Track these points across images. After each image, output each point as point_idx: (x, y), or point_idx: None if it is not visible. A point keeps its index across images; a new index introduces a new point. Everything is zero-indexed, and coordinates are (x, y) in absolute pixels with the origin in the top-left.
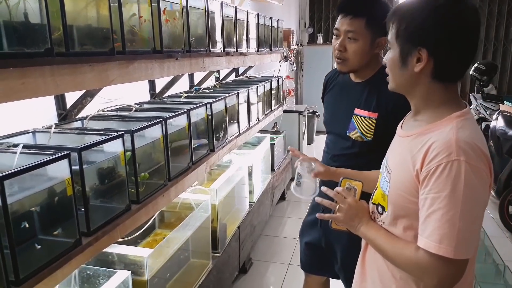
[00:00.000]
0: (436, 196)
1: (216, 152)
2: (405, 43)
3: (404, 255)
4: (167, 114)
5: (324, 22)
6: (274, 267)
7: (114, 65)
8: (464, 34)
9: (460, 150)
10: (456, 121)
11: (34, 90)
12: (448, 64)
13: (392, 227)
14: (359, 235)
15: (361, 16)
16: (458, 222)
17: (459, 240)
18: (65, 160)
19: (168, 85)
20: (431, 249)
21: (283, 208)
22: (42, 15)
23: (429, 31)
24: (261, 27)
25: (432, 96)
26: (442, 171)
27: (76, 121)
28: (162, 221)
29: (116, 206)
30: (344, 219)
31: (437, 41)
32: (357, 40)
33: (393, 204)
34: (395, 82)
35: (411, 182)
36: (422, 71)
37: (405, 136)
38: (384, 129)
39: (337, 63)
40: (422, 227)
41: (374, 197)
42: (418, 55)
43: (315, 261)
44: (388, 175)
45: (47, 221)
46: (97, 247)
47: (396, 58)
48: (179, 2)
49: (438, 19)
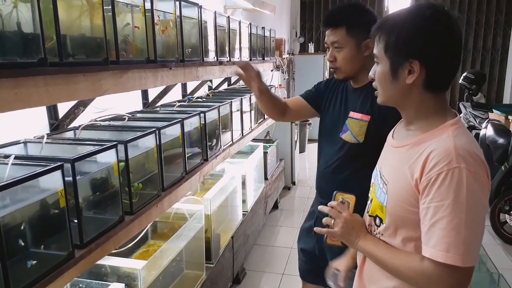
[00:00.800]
0: (439, 205)
1: (209, 161)
2: (396, 56)
3: (408, 266)
4: (160, 123)
5: (315, 31)
6: (267, 277)
7: (107, 74)
8: (452, 44)
9: (460, 157)
10: (451, 129)
11: (27, 100)
12: (438, 74)
13: (391, 239)
14: (357, 249)
15: (341, 25)
16: (463, 229)
17: (466, 248)
18: (58, 171)
19: (161, 94)
20: (438, 258)
21: (276, 217)
22: (35, 24)
23: (420, 43)
24: (254, 36)
25: (423, 106)
26: (444, 179)
27: (68, 131)
28: (155, 232)
29: (110, 217)
30: (341, 234)
31: (428, 53)
32: (342, 48)
33: (392, 215)
34: (386, 95)
35: (410, 192)
36: (414, 82)
37: (399, 147)
38: (376, 132)
39: (333, 73)
40: (427, 237)
41: (371, 209)
42: (409, 67)
43: (312, 269)
44: (384, 186)
45: (39, 233)
46: (90, 260)
47: (387, 72)
48: (173, 11)
49: (427, 31)
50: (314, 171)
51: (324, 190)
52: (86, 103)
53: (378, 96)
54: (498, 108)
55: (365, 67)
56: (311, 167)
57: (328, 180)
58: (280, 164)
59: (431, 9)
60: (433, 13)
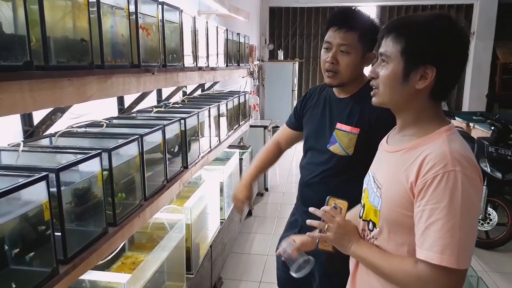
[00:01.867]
0: (434, 207)
1: (189, 168)
2: (413, 59)
3: (402, 270)
4: (140, 130)
5: (284, 39)
6: (245, 285)
7: (93, 79)
8: (463, 57)
9: (456, 161)
10: (445, 134)
11: (12, 106)
12: (447, 84)
13: (385, 243)
14: (350, 254)
15: (355, 30)
16: (458, 231)
17: (460, 250)
18: (43, 182)
19: (137, 100)
20: (433, 260)
21: (250, 224)
22: (20, 25)
23: (441, 51)
24: (230, 42)
25: (423, 113)
26: (440, 182)
27: (44, 138)
28: (132, 243)
29: (93, 229)
30: (334, 239)
31: (445, 62)
32: (349, 54)
33: (386, 219)
34: (389, 97)
35: (405, 196)
36: (423, 88)
37: (394, 151)
38: (365, 144)
39: (328, 77)
40: (421, 239)
41: (364, 213)
42: (423, 72)
43: (292, 278)
44: (378, 190)
45: (21, 249)
46: (74, 275)
47: (399, 73)
48: (156, 15)
49: (449, 41)
50: (285, 177)
51: (310, 200)
52: (64, 109)
53: (377, 96)
54: (459, 115)
55: (356, 79)
56: (282, 173)
57: (315, 190)
58: None
59: (450, 21)
60: (452, 26)
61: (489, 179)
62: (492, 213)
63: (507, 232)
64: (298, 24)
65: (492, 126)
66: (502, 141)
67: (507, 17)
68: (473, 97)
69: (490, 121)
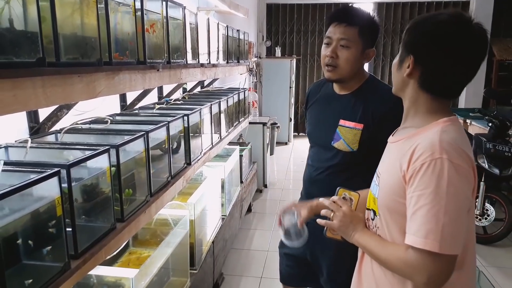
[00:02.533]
0: (421, 193)
1: (192, 165)
2: (403, 49)
3: (395, 256)
4: (144, 126)
5: (281, 35)
6: (246, 281)
7: (101, 76)
8: (453, 53)
9: (443, 149)
10: (441, 125)
11: (25, 102)
12: (432, 76)
13: (384, 231)
14: (354, 243)
15: (355, 24)
16: (442, 217)
17: (444, 235)
18: (55, 178)
19: (140, 97)
20: (417, 244)
21: (250, 220)
22: (32, 22)
23: (420, 42)
24: (230, 39)
25: (418, 102)
26: (427, 169)
27: (50, 135)
28: (135, 239)
29: (102, 225)
30: (339, 227)
31: (424, 52)
32: (349, 48)
33: (383, 206)
34: (393, 83)
35: (398, 184)
36: (410, 76)
37: (394, 142)
38: (370, 140)
39: (327, 71)
40: (409, 225)
41: (367, 202)
42: (409, 61)
43: (297, 273)
44: (377, 178)
45: (34, 245)
46: (84, 270)
47: (397, 61)
48: (160, 11)
49: (431, 33)
50: (283, 173)
51: (315, 196)
52: (70, 106)
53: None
54: (456, 112)
55: (356, 75)
56: (280, 170)
57: (321, 186)
58: (253, 167)
59: (448, 16)
60: (445, 20)
61: (487, 175)
62: (490, 208)
63: (504, 227)
64: (295, 20)
65: (489, 122)
66: (500, 137)
67: (503, 14)
68: (470, 93)
69: (488, 118)
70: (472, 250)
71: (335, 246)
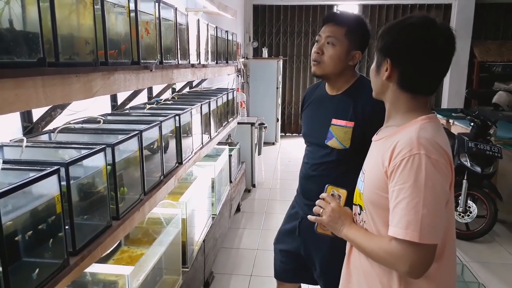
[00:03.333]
0: (401, 188)
1: (183, 164)
2: (379, 54)
3: (380, 247)
4: (136, 126)
5: (268, 36)
6: (236, 279)
7: (97, 76)
8: (425, 52)
9: (421, 146)
10: (420, 123)
11: (27, 102)
12: (409, 75)
13: (370, 225)
14: (342, 237)
15: (343, 25)
16: (421, 209)
17: (423, 225)
18: (55, 176)
19: (130, 97)
20: (399, 235)
21: (238, 220)
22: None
23: (394, 45)
24: (219, 40)
25: (399, 103)
26: (406, 165)
27: (43, 134)
28: (127, 238)
29: (98, 223)
30: (328, 222)
31: (399, 55)
32: (334, 46)
33: (368, 201)
34: (373, 88)
35: (381, 179)
36: (389, 79)
37: (377, 140)
38: (361, 137)
39: (313, 65)
40: (391, 218)
41: (354, 198)
42: (386, 65)
43: (291, 269)
44: (362, 175)
45: (35, 241)
46: (82, 267)
47: (374, 67)
48: (153, 13)
49: (403, 36)
50: (271, 173)
51: (311, 192)
52: (64, 105)
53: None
54: (439, 112)
55: (343, 75)
56: (268, 170)
57: (316, 182)
58: (241, 166)
59: (416, 19)
60: (414, 22)
61: (469, 173)
62: (472, 206)
63: (486, 224)
64: (281, 22)
65: (471, 122)
66: (481, 137)
67: (483, 17)
68: (452, 94)
69: (470, 118)
70: (451, 241)
71: (328, 242)
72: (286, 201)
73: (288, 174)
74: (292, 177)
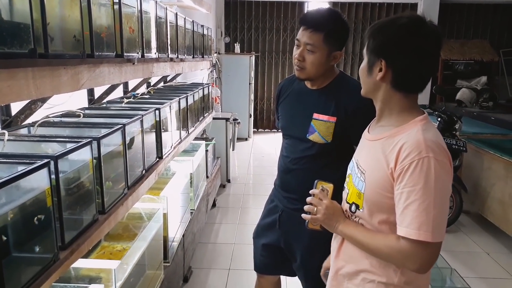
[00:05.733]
0: (411, 190)
1: (163, 159)
2: (371, 55)
3: (386, 245)
4: (116, 120)
5: (240, 32)
6: (214, 273)
7: (84, 68)
8: (418, 51)
9: (429, 148)
10: (420, 124)
11: (18, 93)
12: (404, 75)
13: (368, 222)
14: (337, 233)
15: (320, 31)
16: (432, 210)
17: (434, 226)
18: (45, 169)
19: (108, 91)
20: (412, 236)
21: (214, 215)
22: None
23: (389, 45)
24: (195, 34)
25: (392, 102)
26: (415, 167)
27: (22, 128)
28: (107, 233)
29: (85, 217)
30: (323, 219)
31: (394, 55)
32: (314, 53)
33: (369, 200)
34: (364, 87)
35: (386, 180)
36: (382, 79)
37: (375, 140)
38: (342, 132)
39: (296, 70)
40: (401, 218)
41: (348, 197)
42: (380, 65)
43: (271, 262)
44: (362, 175)
45: (25, 236)
46: (71, 261)
47: (365, 67)
48: (135, 5)
49: (397, 36)
50: (245, 168)
51: (291, 185)
52: (45, 98)
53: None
54: None
55: (325, 73)
56: (242, 165)
57: (296, 175)
58: (217, 162)
59: (407, 19)
60: (406, 22)
61: None
62: None
63: (452, 215)
64: (253, 17)
65: (438, 117)
66: (448, 131)
67: (447, 17)
68: None
69: (437, 113)
70: None
71: (309, 233)
72: (261, 196)
73: (261, 169)
74: (266, 172)
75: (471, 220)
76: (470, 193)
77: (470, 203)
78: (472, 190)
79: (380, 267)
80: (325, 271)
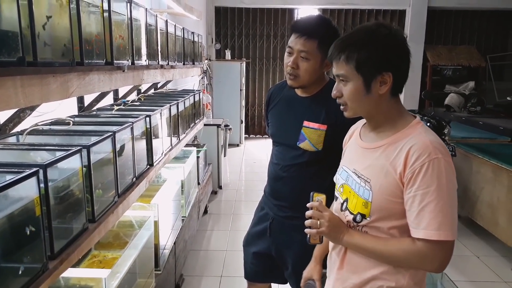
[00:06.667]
0: (425, 192)
1: (154, 166)
2: (370, 71)
3: (401, 249)
4: (106, 127)
5: (230, 39)
6: (206, 281)
7: (73, 76)
8: (407, 54)
9: (436, 150)
10: (418, 127)
11: (7, 101)
12: (401, 80)
13: (375, 230)
14: (342, 244)
15: (314, 38)
16: (448, 209)
17: (452, 224)
18: (34, 178)
19: (98, 98)
20: (432, 237)
21: (206, 222)
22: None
23: (391, 57)
24: (186, 41)
25: (390, 111)
26: (427, 169)
27: (11, 137)
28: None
29: (75, 226)
30: (328, 232)
31: (397, 64)
32: (308, 60)
33: (379, 208)
34: (360, 108)
35: (394, 186)
36: (385, 91)
37: (373, 148)
38: (333, 139)
39: (289, 79)
40: (417, 221)
41: (352, 207)
42: (381, 79)
43: (262, 270)
44: (367, 184)
45: (13, 246)
46: (60, 271)
47: (360, 87)
48: (125, 13)
49: (392, 46)
50: (236, 175)
51: (281, 193)
52: (34, 106)
53: (348, 111)
54: None
55: (316, 80)
56: (233, 171)
57: (286, 183)
58: (208, 168)
59: (385, 28)
60: (388, 31)
61: None
62: None
63: None
64: (243, 24)
65: (428, 122)
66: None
67: (435, 23)
68: (407, 96)
69: (427, 118)
70: None
71: (299, 241)
72: (252, 202)
73: (253, 175)
74: (258, 178)
75: (461, 224)
76: (459, 197)
77: (460, 207)
78: (462, 194)
79: (390, 273)
80: (306, 282)
